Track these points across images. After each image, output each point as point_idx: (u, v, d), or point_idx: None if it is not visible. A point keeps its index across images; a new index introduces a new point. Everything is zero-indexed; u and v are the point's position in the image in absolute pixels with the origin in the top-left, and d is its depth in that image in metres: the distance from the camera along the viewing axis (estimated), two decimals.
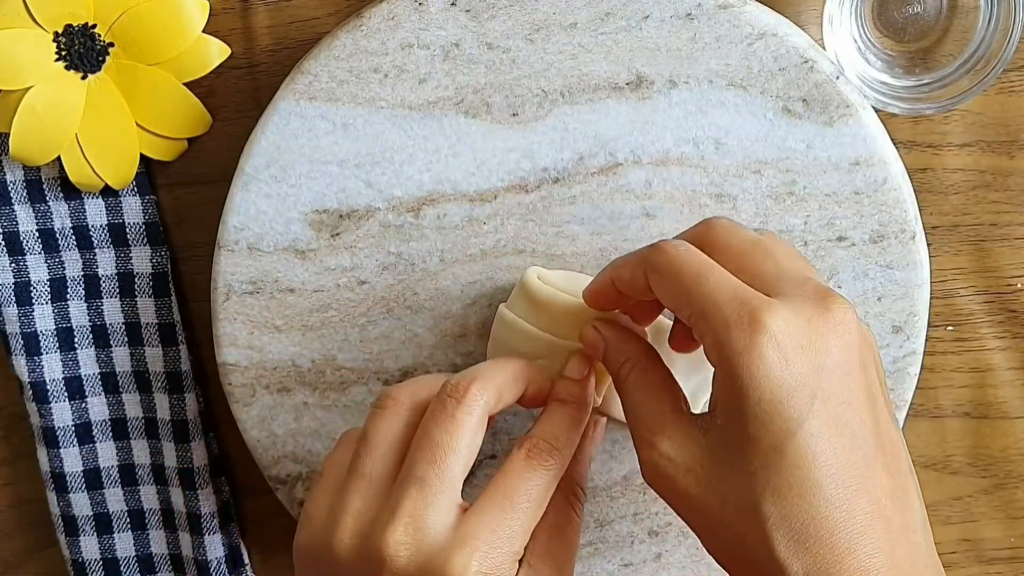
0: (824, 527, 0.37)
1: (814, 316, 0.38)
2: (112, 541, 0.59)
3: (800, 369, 0.37)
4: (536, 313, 0.49)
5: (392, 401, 0.43)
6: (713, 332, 0.38)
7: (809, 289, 0.39)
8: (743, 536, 0.38)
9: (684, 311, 0.40)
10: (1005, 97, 0.54)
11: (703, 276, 0.39)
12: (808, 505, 0.37)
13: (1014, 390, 0.57)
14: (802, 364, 0.37)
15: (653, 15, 0.50)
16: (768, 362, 0.37)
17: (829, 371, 0.38)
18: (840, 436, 0.37)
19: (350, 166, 0.51)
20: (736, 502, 0.38)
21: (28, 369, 0.56)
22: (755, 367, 0.37)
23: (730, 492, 0.38)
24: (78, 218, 0.55)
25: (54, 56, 0.52)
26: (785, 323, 0.37)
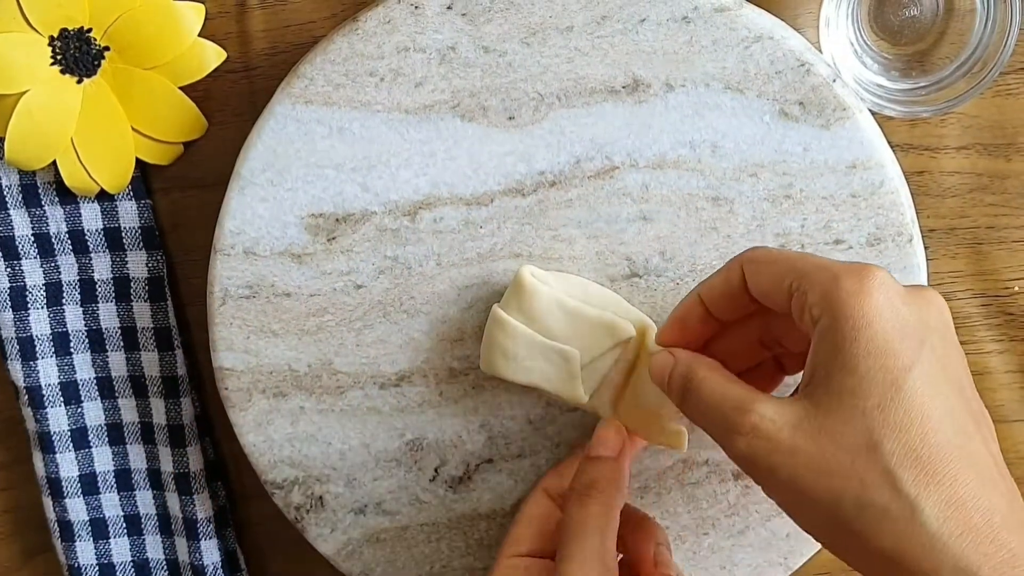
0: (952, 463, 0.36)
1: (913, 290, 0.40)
2: (108, 546, 0.59)
3: (909, 316, 0.38)
4: (528, 312, 0.49)
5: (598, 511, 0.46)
6: (820, 285, 0.39)
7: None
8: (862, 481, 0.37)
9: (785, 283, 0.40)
10: (1002, 100, 0.54)
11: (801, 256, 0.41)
12: (933, 439, 0.36)
13: (1012, 393, 0.57)
14: (909, 314, 0.38)
15: (649, 18, 0.50)
16: (879, 303, 0.38)
17: (933, 328, 0.39)
18: (950, 384, 0.38)
19: (346, 170, 0.51)
20: (853, 444, 0.37)
21: (24, 374, 0.56)
22: (867, 306, 0.38)
23: (845, 436, 0.37)
24: (74, 222, 0.55)
25: (50, 60, 0.52)
26: (891, 280, 0.39)
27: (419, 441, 0.53)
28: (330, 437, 0.53)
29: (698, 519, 0.53)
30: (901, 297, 0.38)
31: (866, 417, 0.37)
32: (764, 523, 0.53)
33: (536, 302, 0.49)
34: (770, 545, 0.53)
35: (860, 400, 0.37)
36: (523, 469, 0.53)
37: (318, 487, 0.54)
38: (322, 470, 0.53)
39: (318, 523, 0.54)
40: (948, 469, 0.36)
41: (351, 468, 0.53)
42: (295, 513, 0.54)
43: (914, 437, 0.37)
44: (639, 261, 0.51)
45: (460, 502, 0.53)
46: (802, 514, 0.39)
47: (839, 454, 0.37)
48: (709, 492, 0.53)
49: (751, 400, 0.40)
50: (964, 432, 0.37)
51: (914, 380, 0.37)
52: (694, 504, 0.53)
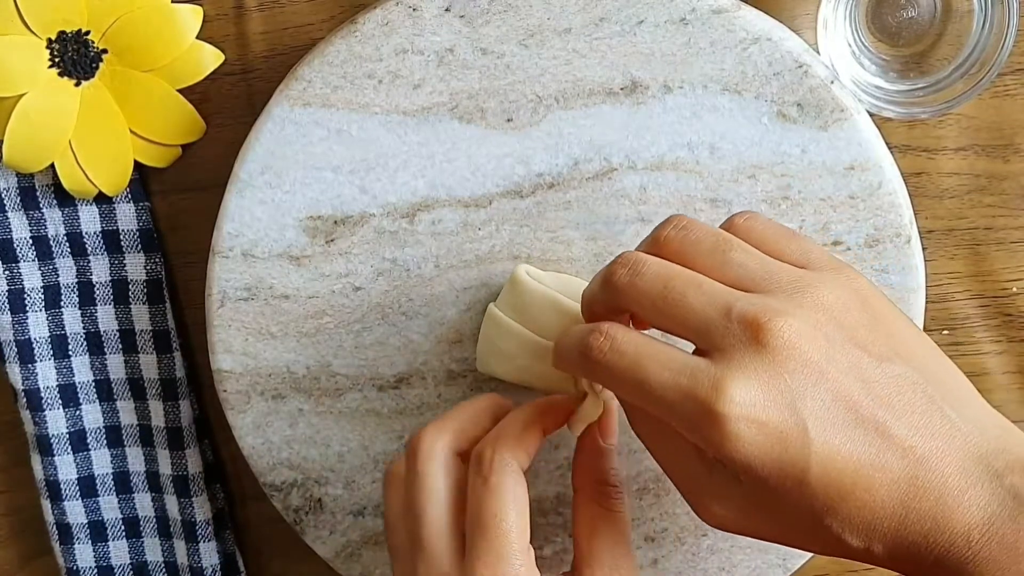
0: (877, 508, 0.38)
1: (758, 358, 0.38)
2: (107, 549, 0.59)
3: (778, 419, 0.38)
4: (523, 311, 0.49)
5: (430, 451, 0.45)
6: (686, 430, 0.39)
7: (737, 331, 0.39)
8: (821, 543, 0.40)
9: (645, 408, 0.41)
10: (1000, 101, 0.54)
11: (643, 383, 0.39)
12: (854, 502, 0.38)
13: (1010, 394, 0.57)
14: (777, 414, 0.38)
15: (647, 20, 0.50)
16: (748, 438, 0.38)
17: (801, 396, 0.38)
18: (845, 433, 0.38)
19: (344, 172, 0.51)
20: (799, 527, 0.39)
21: (22, 377, 0.56)
22: (740, 449, 0.38)
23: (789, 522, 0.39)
24: (72, 225, 0.55)
25: (47, 63, 0.52)
26: (739, 394, 0.38)
27: None
28: (329, 439, 0.53)
29: (697, 521, 0.53)
30: (762, 402, 0.38)
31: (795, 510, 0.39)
32: None
33: (531, 301, 0.49)
34: (768, 547, 0.53)
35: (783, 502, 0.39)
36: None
37: (317, 489, 0.54)
38: (321, 472, 0.53)
39: (317, 525, 0.54)
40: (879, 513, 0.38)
41: (350, 470, 0.53)
42: (294, 515, 0.54)
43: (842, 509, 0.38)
44: None
45: None
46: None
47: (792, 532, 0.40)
48: None
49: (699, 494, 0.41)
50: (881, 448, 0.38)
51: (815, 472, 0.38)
52: None
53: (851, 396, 0.39)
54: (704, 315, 0.39)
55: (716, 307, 0.39)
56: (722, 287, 0.40)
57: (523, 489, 0.44)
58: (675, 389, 0.39)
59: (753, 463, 0.38)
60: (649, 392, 0.39)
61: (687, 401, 0.38)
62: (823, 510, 0.38)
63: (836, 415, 0.38)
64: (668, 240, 0.42)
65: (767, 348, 0.38)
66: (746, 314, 0.39)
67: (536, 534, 0.53)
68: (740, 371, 0.38)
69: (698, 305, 0.40)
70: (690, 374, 0.38)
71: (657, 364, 0.39)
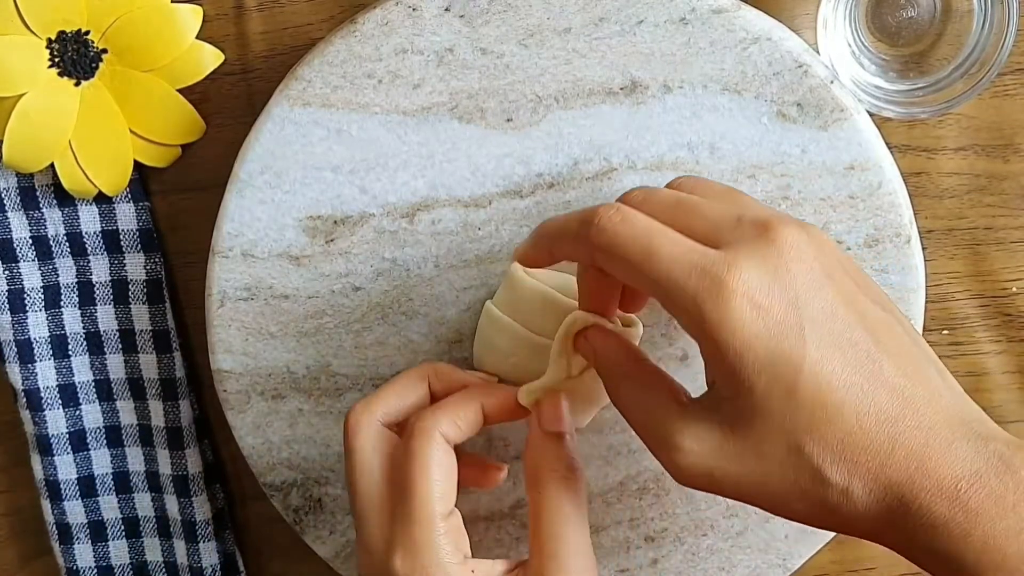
0: (862, 436, 0.37)
1: (767, 252, 0.38)
2: (107, 549, 0.59)
3: (779, 310, 0.38)
4: (519, 307, 0.49)
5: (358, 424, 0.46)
6: (685, 310, 0.38)
7: (748, 227, 0.39)
8: (796, 481, 0.38)
9: (645, 289, 0.40)
10: (1000, 101, 0.54)
11: (653, 253, 0.39)
12: (840, 425, 0.37)
13: (1010, 394, 0.57)
14: (778, 305, 0.38)
15: (647, 20, 0.50)
16: (748, 319, 0.37)
17: (804, 298, 0.38)
18: (839, 349, 0.38)
19: (344, 172, 0.51)
20: (777, 457, 0.38)
21: (22, 376, 0.56)
22: (738, 328, 0.37)
23: (766, 452, 0.38)
24: (72, 225, 0.55)
25: (47, 63, 0.52)
26: (747, 275, 0.38)
27: None
28: (328, 439, 0.53)
29: (697, 520, 0.53)
30: (763, 292, 0.38)
31: (778, 430, 0.38)
32: (763, 525, 0.53)
33: (526, 298, 0.49)
34: (768, 547, 0.53)
35: (767, 417, 0.38)
36: (522, 470, 0.53)
37: (316, 489, 0.54)
38: (320, 472, 0.53)
39: (316, 525, 0.54)
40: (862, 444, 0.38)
41: None
42: (293, 515, 0.54)
43: (827, 431, 0.38)
44: None
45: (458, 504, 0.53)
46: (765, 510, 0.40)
47: (768, 468, 0.39)
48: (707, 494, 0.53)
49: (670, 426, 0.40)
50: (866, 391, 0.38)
51: (807, 378, 0.37)
52: (693, 505, 0.53)
53: (848, 319, 0.39)
54: (714, 219, 0.40)
55: (727, 215, 0.40)
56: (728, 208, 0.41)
57: (446, 456, 0.44)
58: (685, 262, 0.38)
59: (747, 352, 0.37)
60: (657, 264, 0.39)
61: (695, 275, 0.38)
62: (806, 429, 0.38)
63: (833, 329, 0.38)
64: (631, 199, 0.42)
65: (776, 244, 0.38)
66: (758, 217, 0.39)
67: None
68: (750, 258, 0.38)
69: (710, 213, 0.40)
70: (701, 252, 0.38)
71: (668, 239, 0.39)
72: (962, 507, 0.37)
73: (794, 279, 0.38)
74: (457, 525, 0.45)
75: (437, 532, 0.43)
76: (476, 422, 0.46)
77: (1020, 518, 0.37)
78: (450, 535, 0.44)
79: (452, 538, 0.44)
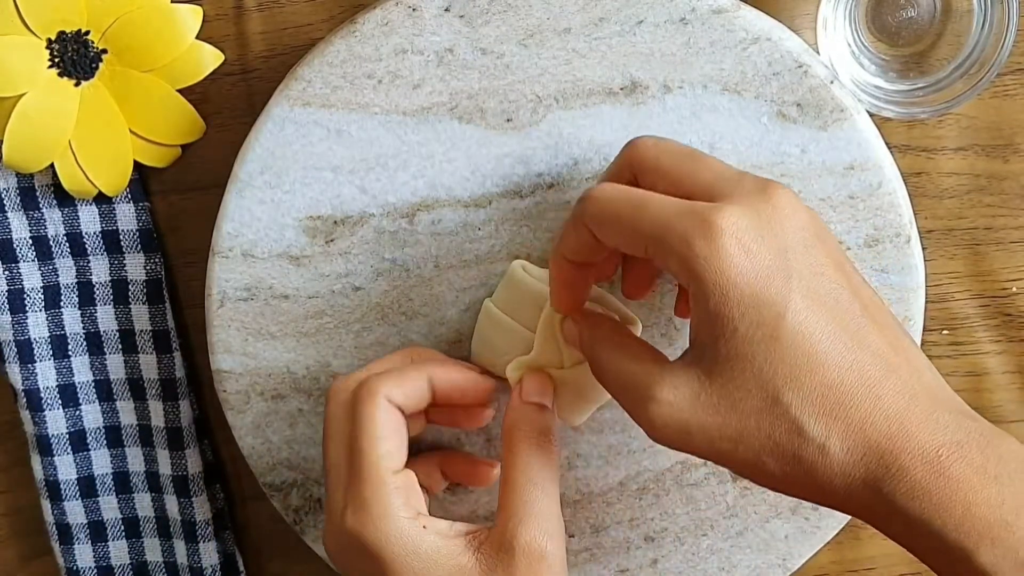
0: (843, 391, 0.37)
1: (761, 206, 0.39)
2: (107, 549, 0.59)
3: (767, 256, 0.38)
4: (518, 306, 0.49)
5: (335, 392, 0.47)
6: (674, 251, 0.39)
7: (748, 184, 0.40)
8: (771, 435, 0.38)
9: (640, 246, 0.40)
10: (999, 101, 0.54)
11: (642, 207, 0.40)
12: (822, 376, 0.37)
13: (1010, 394, 0.57)
14: (766, 251, 0.38)
15: (647, 20, 0.50)
16: (735, 258, 0.38)
17: (793, 250, 0.38)
18: (824, 305, 0.38)
19: (344, 172, 0.51)
20: (754, 407, 0.38)
21: (22, 377, 0.56)
22: (725, 266, 0.38)
23: (743, 401, 0.38)
24: (72, 225, 0.55)
25: (47, 63, 0.52)
26: (737, 218, 0.38)
27: (418, 443, 0.53)
28: None
29: (696, 520, 0.53)
30: (753, 236, 0.38)
31: (757, 377, 0.38)
32: (763, 525, 0.53)
33: (524, 297, 0.49)
34: (768, 547, 0.53)
35: (747, 363, 0.38)
36: None
37: (316, 489, 0.54)
38: (320, 472, 0.53)
39: (316, 525, 0.54)
40: (841, 399, 0.37)
41: None
42: (293, 515, 0.54)
43: (805, 381, 0.38)
44: None
45: (459, 504, 0.53)
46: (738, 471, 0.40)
47: (744, 420, 0.38)
48: (708, 493, 0.53)
49: (650, 381, 0.40)
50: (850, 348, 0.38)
51: (790, 325, 0.37)
52: (692, 505, 0.53)
53: (836, 280, 0.39)
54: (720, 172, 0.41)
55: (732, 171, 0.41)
56: None
57: (391, 416, 0.45)
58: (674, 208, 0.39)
59: (731, 290, 0.37)
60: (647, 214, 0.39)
61: (686, 216, 0.38)
62: (786, 378, 0.37)
63: (820, 285, 0.38)
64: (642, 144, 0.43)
65: (772, 200, 0.39)
66: (758, 178, 0.40)
67: None
68: (744, 207, 0.39)
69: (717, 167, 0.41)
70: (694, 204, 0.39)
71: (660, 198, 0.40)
72: (943, 474, 0.37)
73: (785, 233, 0.39)
74: (409, 483, 0.45)
75: (385, 488, 0.44)
76: (422, 388, 0.47)
77: (1002, 489, 0.36)
78: (400, 491, 0.44)
79: (402, 494, 0.44)
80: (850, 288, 0.39)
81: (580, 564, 0.54)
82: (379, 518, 0.44)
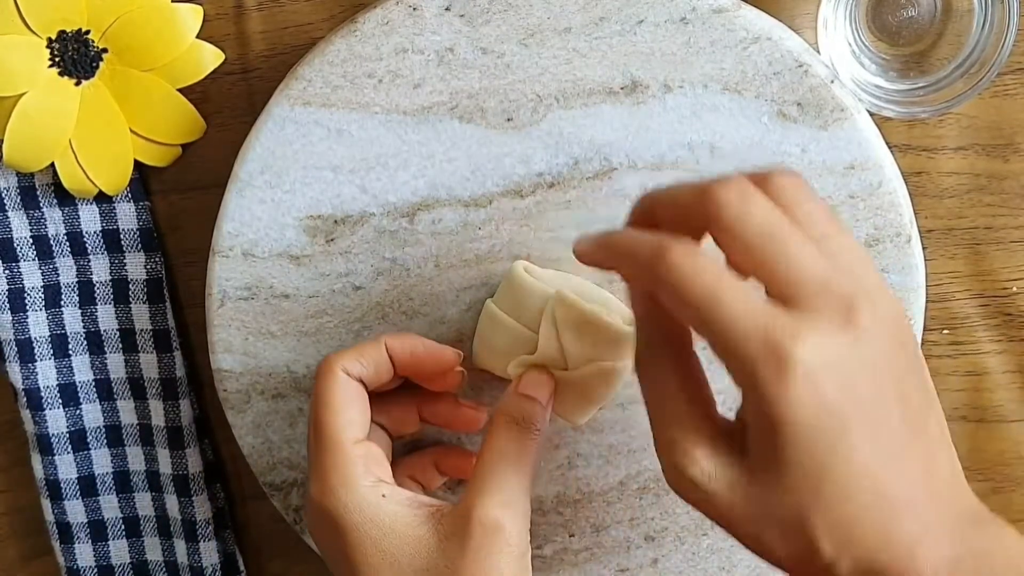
0: (867, 523, 0.37)
1: (839, 334, 0.37)
2: (107, 548, 0.59)
3: (832, 393, 0.37)
4: (519, 306, 0.49)
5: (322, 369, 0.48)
6: (739, 366, 0.37)
7: (832, 300, 0.38)
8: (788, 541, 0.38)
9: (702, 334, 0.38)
10: (1000, 100, 0.54)
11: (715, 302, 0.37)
12: (853, 508, 0.37)
13: (1010, 393, 0.57)
14: (834, 388, 0.37)
15: (647, 19, 0.50)
16: (800, 394, 0.36)
17: (861, 385, 0.37)
18: (875, 439, 0.38)
19: (345, 171, 0.51)
20: (782, 516, 0.38)
21: (22, 376, 0.56)
22: (787, 400, 0.36)
23: (774, 507, 0.38)
24: (72, 224, 0.55)
25: (47, 62, 0.52)
26: (812, 350, 0.36)
27: (418, 443, 0.53)
28: None
29: (697, 520, 0.53)
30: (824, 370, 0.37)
31: (795, 494, 0.38)
32: None
33: (526, 297, 0.49)
34: None
35: (789, 479, 0.38)
36: None
37: None
38: None
39: None
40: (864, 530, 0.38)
41: None
42: (294, 515, 0.54)
43: (837, 511, 0.37)
44: None
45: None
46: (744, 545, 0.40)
47: (768, 523, 0.38)
48: None
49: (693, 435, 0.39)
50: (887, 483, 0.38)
51: (839, 460, 0.37)
52: None
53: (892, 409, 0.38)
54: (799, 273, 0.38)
55: (815, 274, 0.38)
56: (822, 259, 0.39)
57: (348, 388, 0.46)
58: (750, 319, 0.37)
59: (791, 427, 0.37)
60: (719, 316, 0.37)
61: (759, 337, 0.37)
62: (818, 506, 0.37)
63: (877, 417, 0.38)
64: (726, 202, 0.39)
65: (854, 326, 0.37)
66: (844, 289, 0.38)
67: (536, 533, 0.53)
68: (822, 335, 0.37)
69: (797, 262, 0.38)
70: (771, 313, 0.37)
71: (737, 292, 0.37)
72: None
73: (858, 367, 0.37)
74: (370, 454, 0.46)
75: (344, 456, 0.45)
76: (380, 357, 0.48)
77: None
78: (360, 460, 0.45)
79: (364, 463, 0.45)
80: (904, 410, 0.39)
81: (580, 563, 0.54)
82: (338, 486, 0.45)
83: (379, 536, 0.44)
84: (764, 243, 0.38)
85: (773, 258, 0.38)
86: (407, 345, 0.48)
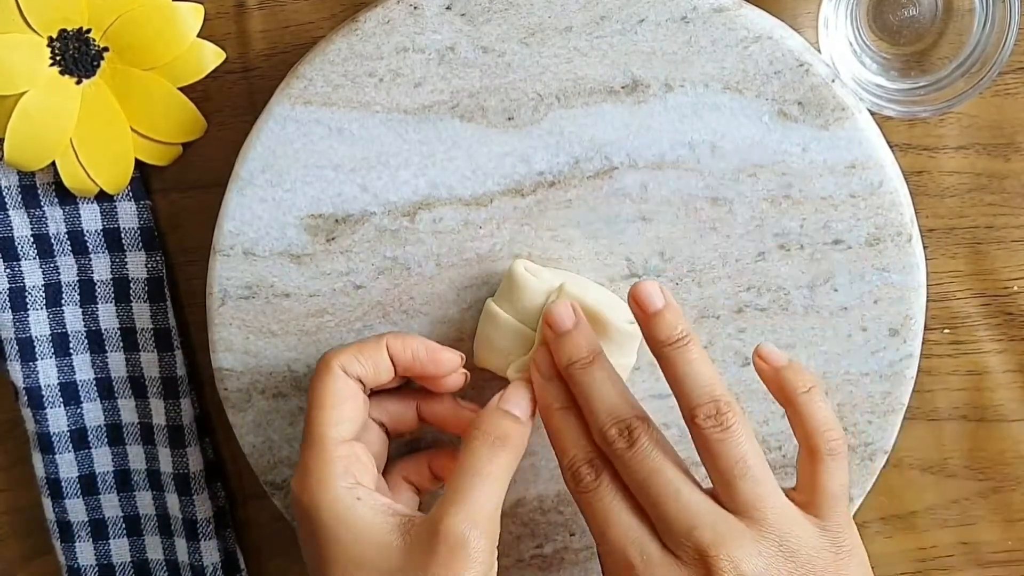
0: None
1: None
2: (108, 547, 0.59)
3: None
4: (519, 305, 0.49)
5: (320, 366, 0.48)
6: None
7: (690, 552, 0.43)
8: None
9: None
10: (1001, 100, 0.54)
11: (607, 517, 0.45)
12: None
13: (1011, 392, 0.57)
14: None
15: (648, 18, 0.50)
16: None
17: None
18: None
19: (345, 171, 0.51)
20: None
21: (23, 375, 0.56)
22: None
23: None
24: (73, 223, 0.55)
25: (48, 61, 0.52)
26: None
27: (418, 443, 0.53)
28: None
29: None
30: None
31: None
32: None
33: (527, 296, 0.49)
34: None
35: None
36: (523, 469, 0.53)
37: None
38: None
39: None
40: None
41: None
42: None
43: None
44: (638, 261, 0.51)
45: None
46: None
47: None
48: None
49: None
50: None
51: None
52: None
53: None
54: (676, 517, 0.44)
55: (685, 521, 0.44)
56: (703, 498, 0.44)
57: (344, 386, 0.47)
58: (626, 552, 0.44)
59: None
60: (606, 536, 0.44)
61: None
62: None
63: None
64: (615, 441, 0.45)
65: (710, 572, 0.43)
66: (703, 541, 0.43)
67: (536, 532, 0.53)
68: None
69: (676, 505, 0.44)
70: (644, 551, 0.44)
71: (619, 522, 0.44)
72: None
73: None
74: (354, 455, 0.46)
75: (325, 455, 0.45)
76: (380, 357, 0.48)
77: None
78: (341, 460, 0.45)
79: (344, 464, 0.45)
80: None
81: (581, 562, 0.54)
82: (316, 483, 0.45)
83: (349, 539, 0.44)
84: (647, 485, 0.45)
85: (655, 498, 0.45)
86: (409, 346, 0.48)
